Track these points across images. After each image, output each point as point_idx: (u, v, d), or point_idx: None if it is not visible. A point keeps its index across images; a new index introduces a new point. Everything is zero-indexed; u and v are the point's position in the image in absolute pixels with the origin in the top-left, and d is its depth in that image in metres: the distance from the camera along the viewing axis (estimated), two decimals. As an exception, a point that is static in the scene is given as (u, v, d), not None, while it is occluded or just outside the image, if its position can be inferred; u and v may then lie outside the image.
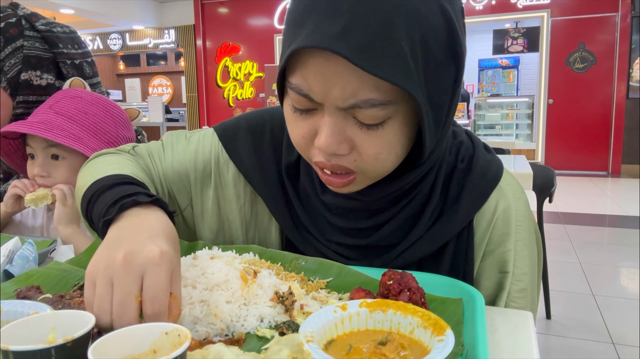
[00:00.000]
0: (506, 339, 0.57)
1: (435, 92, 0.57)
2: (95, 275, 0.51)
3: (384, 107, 0.55)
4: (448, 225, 0.71)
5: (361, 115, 0.56)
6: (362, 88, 0.53)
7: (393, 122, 0.57)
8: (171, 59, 12.46)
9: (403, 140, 0.60)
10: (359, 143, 0.58)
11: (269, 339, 0.56)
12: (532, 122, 8.54)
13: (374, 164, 0.60)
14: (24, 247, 0.79)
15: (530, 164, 2.36)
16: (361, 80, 0.53)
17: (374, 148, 0.58)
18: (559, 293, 2.93)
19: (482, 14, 8.31)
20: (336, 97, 0.55)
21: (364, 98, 0.54)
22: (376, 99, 0.54)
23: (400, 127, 0.58)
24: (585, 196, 6.23)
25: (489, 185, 0.72)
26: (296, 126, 0.62)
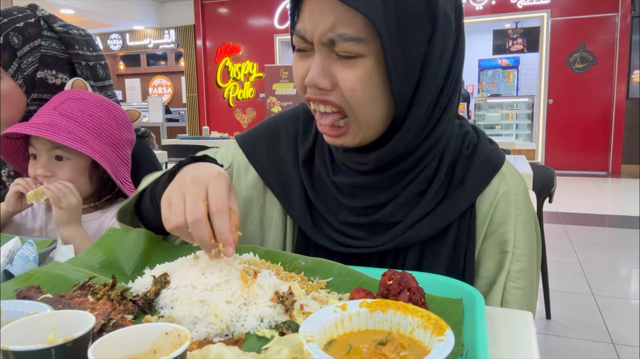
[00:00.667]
0: (506, 339, 0.57)
1: (407, 40, 0.64)
2: (170, 195, 0.65)
3: (356, 43, 0.64)
4: (452, 206, 0.75)
5: (339, 49, 0.65)
6: (338, 23, 0.63)
7: (366, 60, 0.65)
8: (171, 59, 12.46)
9: (377, 81, 0.66)
10: (339, 78, 0.66)
11: (269, 339, 0.56)
12: (532, 122, 8.54)
13: (353, 101, 0.67)
14: (24, 247, 0.79)
15: (530, 164, 2.36)
16: (339, 16, 0.63)
17: (350, 82, 0.66)
18: (559, 293, 2.93)
19: (482, 14, 8.32)
20: (320, 33, 0.65)
21: (340, 33, 0.64)
22: (348, 34, 0.63)
23: (372, 66, 0.65)
24: (585, 197, 6.23)
25: (492, 170, 0.76)
26: (297, 68, 0.73)
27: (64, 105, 1.02)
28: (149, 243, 0.82)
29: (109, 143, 1.05)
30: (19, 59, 1.07)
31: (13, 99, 1.08)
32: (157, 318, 0.60)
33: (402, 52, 0.64)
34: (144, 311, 0.63)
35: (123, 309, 0.60)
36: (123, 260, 0.79)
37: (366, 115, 0.68)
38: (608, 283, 3.14)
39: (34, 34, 1.09)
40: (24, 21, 1.09)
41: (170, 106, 11.91)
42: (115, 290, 0.64)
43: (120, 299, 0.62)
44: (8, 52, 1.06)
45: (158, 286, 0.65)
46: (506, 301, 0.74)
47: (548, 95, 8.07)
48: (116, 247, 0.80)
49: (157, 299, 0.64)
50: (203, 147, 4.96)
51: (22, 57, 1.07)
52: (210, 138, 5.93)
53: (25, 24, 1.09)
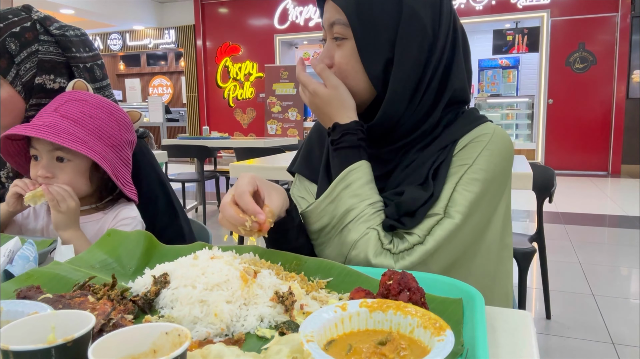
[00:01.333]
0: (506, 339, 0.57)
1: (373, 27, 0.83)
2: None
3: (344, 26, 0.85)
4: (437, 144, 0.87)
5: (335, 31, 0.86)
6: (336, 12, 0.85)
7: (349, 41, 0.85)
8: (171, 59, 12.46)
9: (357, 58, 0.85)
10: (334, 57, 0.88)
11: (269, 339, 0.56)
12: (532, 122, 8.54)
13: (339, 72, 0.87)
14: (24, 247, 0.79)
15: (530, 164, 2.36)
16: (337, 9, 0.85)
17: (338, 58, 0.87)
18: (559, 293, 2.93)
19: (482, 14, 8.32)
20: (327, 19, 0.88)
21: (335, 18, 0.86)
22: (340, 18, 0.85)
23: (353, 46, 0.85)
24: (585, 197, 6.23)
25: (478, 120, 0.90)
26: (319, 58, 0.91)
27: (65, 106, 1.02)
28: (149, 243, 0.82)
29: (109, 144, 1.05)
30: (17, 65, 1.06)
31: (12, 106, 1.08)
32: (157, 318, 0.60)
33: (369, 35, 0.83)
34: (144, 311, 0.63)
35: (123, 309, 0.60)
36: (123, 260, 0.79)
37: (352, 86, 0.87)
38: (608, 283, 3.14)
39: (30, 39, 1.08)
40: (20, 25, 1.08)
41: (170, 106, 11.91)
42: (115, 290, 0.64)
43: (120, 299, 0.62)
44: (6, 58, 1.05)
45: (158, 286, 0.65)
46: (454, 199, 0.81)
47: (548, 95, 8.07)
48: (116, 247, 0.81)
49: (157, 299, 0.64)
50: (203, 147, 4.97)
51: (19, 63, 1.06)
52: (210, 138, 5.93)
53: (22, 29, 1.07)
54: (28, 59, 1.07)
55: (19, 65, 1.06)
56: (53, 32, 1.12)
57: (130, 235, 0.84)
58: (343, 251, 0.83)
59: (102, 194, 1.11)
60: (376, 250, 0.79)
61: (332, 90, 0.87)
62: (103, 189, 1.10)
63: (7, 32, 1.05)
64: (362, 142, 0.87)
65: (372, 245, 0.80)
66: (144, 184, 1.15)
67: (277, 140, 5.65)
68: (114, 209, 1.10)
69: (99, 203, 1.11)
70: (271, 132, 9.16)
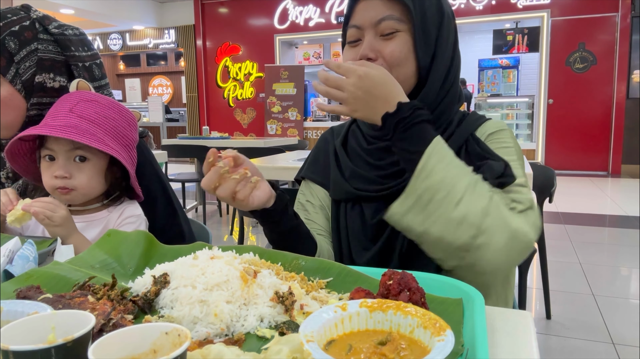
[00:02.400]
0: (506, 339, 0.57)
1: (425, 21, 0.93)
2: None
3: (397, 22, 0.92)
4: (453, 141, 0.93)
5: (384, 27, 0.92)
6: (385, 9, 0.93)
7: (401, 34, 0.93)
8: (171, 59, 12.47)
9: (408, 47, 0.93)
10: (383, 50, 0.93)
11: (269, 339, 0.56)
12: (532, 122, 8.54)
13: (392, 60, 0.92)
14: (24, 247, 0.79)
15: (530, 164, 2.36)
16: (386, 6, 0.93)
17: (390, 47, 0.92)
18: (559, 293, 2.93)
19: (482, 14, 8.32)
20: (371, 17, 0.93)
21: (387, 14, 0.92)
22: (393, 15, 0.92)
23: (405, 37, 0.93)
24: (585, 196, 6.23)
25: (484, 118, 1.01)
26: (348, 56, 0.97)
27: (79, 107, 1.02)
28: (149, 243, 0.82)
29: (123, 144, 1.07)
30: (17, 63, 1.06)
31: (13, 104, 1.08)
32: (157, 318, 0.60)
33: (423, 30, 0.93)
34: (144, 311, 0.63)
35: (123, 309, 0.60)
36: (123, 260, 0.79)
37: (400, 72, 0.93)
38: (608, 283, 3.14)
39: (30, 38, 1.08)
40: (19, 24, 1.08)
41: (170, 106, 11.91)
42: (115, 290, 0.64)
43: (120, 299, 0.62)
44: (5, 57, 1.05)
45: (158, 286, 0.65)
46: None
47: (548, 95, 8.06)
48: (116, 247, 0.81)
49: (157, 299, 0.64)
50: (203, 147, 4.97)
51: (19, 61, 1.06)
52: (210, 138, 5.93)
53: (21, 28, 1.07)
54: (27, 57, 1.07)
55: (18, 64, 1.06)
56: (52, 31, 1.12)
57: (130, 235, 0.84)
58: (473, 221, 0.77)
59: (110, 192, 1.12)
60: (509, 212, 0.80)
61: (383, 70, 0.86)
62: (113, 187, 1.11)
63: (7, 30, 1.05)
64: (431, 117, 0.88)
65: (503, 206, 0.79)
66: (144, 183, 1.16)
67: (277, 140, 5.65)
68: (118, 208, 1.10)
69: (106, 200, 1.11)
70: (271, 132, 9.17)
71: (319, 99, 9.24)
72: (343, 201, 1.04)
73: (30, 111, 1.10)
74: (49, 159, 1.03)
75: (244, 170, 0.82)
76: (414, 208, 0.80)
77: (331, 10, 9.25)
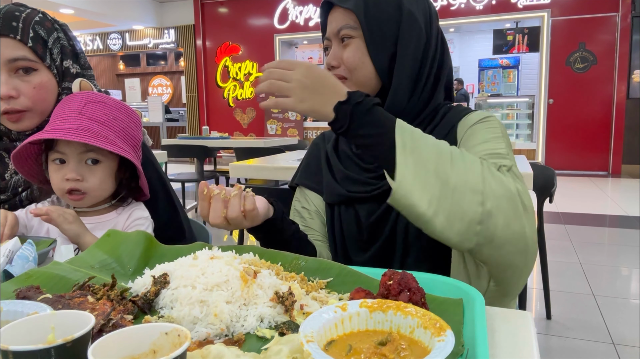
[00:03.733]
0: (506, 339, 0.57)
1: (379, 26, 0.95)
2: None
3: (352, 29, 0.96)
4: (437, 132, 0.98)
5: (341, 35, 0.97)
6: (343, 18, 0.97)
7: (356, 40, 0.97)
8: (171, 59, 12.47)
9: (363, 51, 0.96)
10: (342, 56, 0.98)
11: (269, 339, 0.56)
12: (532, 122, 8.54)
13: (348, 64, 0.97)
14: (24, 247, 0.79)
15: (531, 164, 2.36)
16: (343, 16, 0.97)
17: (347, 54, 0.97)
18: (559, 293, 2.93)
19: (482, 14, 8.32)
20: (333, 27, 0.99)
21: (342, 23, 0.97)
22: (347, 23, 0.96)
23: (359, 42, 0.96)
24: (586, 197, 6.23)
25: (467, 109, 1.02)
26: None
27: (88, 108, 1.02)
28: (149, 243, 0.82)
29: (132, 144, 1.07)
30: (50, 49, 1.09)
31: (51, 90, 1.10)
32: (157, 318, 0.60)
33: (375, 33, 0.95)
34: (143, 312, 0.63)
35: (123, 309, 0.60)
36: (123, 260, 0.79)
37: (359, 75, 0.97)
38: (608, 283, 3.14)
39: (50, 27, 1.11)
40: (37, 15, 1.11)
41: (170, 106, 11.92)
42: (115, 290, 0.64)
43: (120, 300, 0.62)
44: (41, 44, 1.07)
45: (158, 286, 0.65)
46: None
47: (548, 95, 8.06)
48: (116, 247, 0.81)
49: (157, 299, 0.64)
50: (203, 147, 4.97)
51: (51, 48, 1.10)
52: (210, 138, 5.93)
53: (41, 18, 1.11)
54: (55, 44, 1.10)
55: (51, 50, 1.09)
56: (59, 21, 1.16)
57: (130, 235, 0.84)
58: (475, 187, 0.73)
59: (117, 193, 1.12)
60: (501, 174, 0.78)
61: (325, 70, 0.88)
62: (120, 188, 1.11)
63: (32, 20, 1.08)
64: None
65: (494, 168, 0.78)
66: None
67: (277, 140, 5.65)
68: (126, 209, 1.10)
69: (113, 201, 1.11)
70: (271, 131, 9.16)
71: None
72: (337, 204, 1.06)
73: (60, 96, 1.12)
74: (59, 162, 1.02)
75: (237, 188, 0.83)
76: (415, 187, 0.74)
77: (331, 10, 9.25)
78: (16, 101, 1.04)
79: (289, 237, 0.93)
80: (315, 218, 1.11)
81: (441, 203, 0.73)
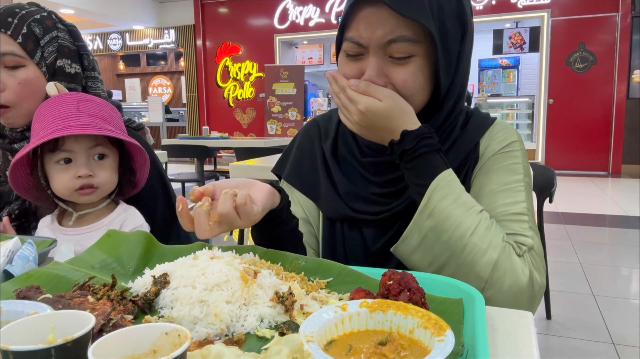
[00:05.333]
0: (506, 339, 0.57)
1: (447, 42, 0.79)
2: None
3: (412, 44, 0.77)
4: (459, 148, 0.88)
5: (395, 49, 0.78)
6: (397, 27, 0.77)
7: (416, 58, 0.79)
8: (171, 59, 12.46)
9: (424, 74, 0.81)
10: (393, 76, 0.80)
11: (269, 339, 0.56)
12: (532, 122, 8.54)
13: (405, 91, 0.80)
14: (24, 247, 0.79)
15: (531, 164, 2.36)
16: (397, 22, 0.76)
17: (403, 76, 0.79)
18: (559, 293, 2.93)
19: (482, 14, 8.31)
20: (379, 36, 0.77)
21: (399, 34, 0.77)
22: (407, 35, 0.77)
23: (421, 63, 0.80)
24: (586, 197, 6.23)
25: (490, 120, 0.92)
26: (349, 68, 0.83)
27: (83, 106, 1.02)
28: (149, 243, 0.82)
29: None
30: (42, 47, 1.12)
31: (38, 87, 1.12)
32: (157, 318, 0.60)
33: (444, 51, 0.79)
34: (144, 311, 0.63)
35: (123, 309, 0.60)
36: (123, 260, 0.79)
37: (413, 102, 0.82)
38: (608, 283, 3.14)
39: (50, 26, 1.14)
40: (40, 14, 1.14)
41: (170, 106, 11.91)
42: (115, 290, 0.64)
43: (120, 300, 0.62)
44: (32, 41, 1.10)
45: (158, 286, 0.64)
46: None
47: (548, 95, 8.06)
48: (116, 247, 0.80)
49: (157, 299, 0.64)
50: (203, 147, 4.97)
51: (44, 46, 1.12)
52: (210, 138, 5.93)
53: (42, 17, 1.14)
54: (50, 43, 1.13)
55: (43, 48, 1.12)
56: (66, 22, 1.20)
57: (130, 235, 0.84)
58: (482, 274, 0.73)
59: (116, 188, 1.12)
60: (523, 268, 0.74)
61: (389, 100, 0.78)
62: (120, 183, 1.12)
63: (30, 18, 1.11)
64: (440, 145, 0.81)
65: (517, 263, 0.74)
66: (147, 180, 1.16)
67: (277, 140, 5.65)
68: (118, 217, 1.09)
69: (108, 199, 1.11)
70: (271, 132, 9.16)
71: (319, 99, 9.24)
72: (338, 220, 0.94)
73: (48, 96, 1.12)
74: (64, 162, 1.02)
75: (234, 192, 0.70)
76: (419, 249, 0.77)
77: (331, 10, 9.25)
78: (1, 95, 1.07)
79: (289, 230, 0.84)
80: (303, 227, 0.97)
81: (443, 270, 0.75)
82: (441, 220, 0.75)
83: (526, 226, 0.80)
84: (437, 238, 0.75)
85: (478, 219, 0.75)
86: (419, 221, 0.77)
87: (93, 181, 1.02)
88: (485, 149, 0.88)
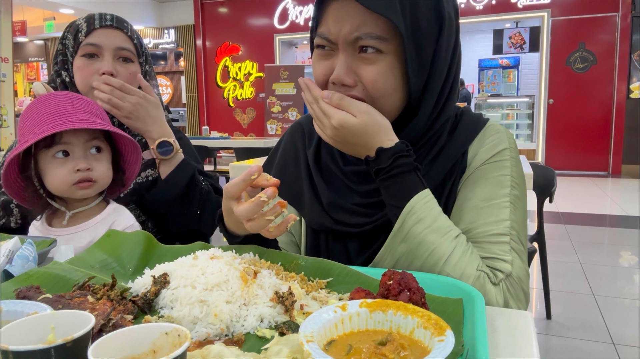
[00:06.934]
0: (506, 339, 0.57)
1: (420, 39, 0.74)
2: None
3: (380, 41, 0.73)
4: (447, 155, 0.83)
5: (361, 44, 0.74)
6: (365, 23, 0.73)
7: (386, 56, 0.75)
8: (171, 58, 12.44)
9: (395, 74, 0.76)
10: (362, 74, 0.75)
11: (269, 339, 0.56)
12: (532, 122, 8.54)
13: (375, 92, 0.76)
14: (24, 247, 0.79)
15: (531, 164, 2.36)
16: (365, 18, 0.73)
17: (372, 75, 0.75)
18: (559, 293, 2.93)
19: (482, 14, 8.32)
20: (346, 32, 0.74)
21: (366, 31, 0.73)
22: (374, 32, 0.73)
23: (391, 61, 0.75)
24: (586, 197, 6.23)
25: (481, 123, 0.87)
26: (319, 66, 0.80)
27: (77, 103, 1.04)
28: (149, 243, 0.82)
29: None
30: (143, 52, 1.28)
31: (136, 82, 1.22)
32: (157, 318, 0.60)
33: (416, 49, 0.75)
34: (143, 312, 0.63)
35: (123, 309, 0.60)
36: (123, 260, 0.79)
37: (386, 104, 0.77)
38: (608, 283, 3.14)
39: (141, 37, 1.28)
40: None
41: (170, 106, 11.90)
42: (115, 290, 0.64)
43: (120, 300, 0.62)
44: (139, 45, 1.26)
45: (158, 286, 0.65)
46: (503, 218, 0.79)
47: (548, 95, 8.06)
48: (116, 247, 0.80)
49: (157, 299, 0.64)
50: (203, 147, 4.97)
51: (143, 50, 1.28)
52: (210, 138, 5.93)
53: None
54: (144, 49, 1.30)
55: (144, 52, 1.29)
56: None
57: (129, 235, 0.84)
58: None
59: None
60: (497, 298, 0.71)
61: (364, 116, 0.74)
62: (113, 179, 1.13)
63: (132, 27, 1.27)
64: (417, 163, 0.77)
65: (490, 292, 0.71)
66: None
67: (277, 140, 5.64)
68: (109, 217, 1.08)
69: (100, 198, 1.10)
70: (271, 131, 9.16)
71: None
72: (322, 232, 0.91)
73: None
74: (62, 154, 1.01)
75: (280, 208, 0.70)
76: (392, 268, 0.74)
77: (331, 10, 9.24)
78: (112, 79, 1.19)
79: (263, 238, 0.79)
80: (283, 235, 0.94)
81: None
82: (414, 246, 0.73)
83: (507, 248, 0.75)
84: (410, 263, 0.74)
85: (453, 246, 0.72)
86: (392, 245, 0.75)
87: (91, 174, 1.02)
88: (473, 158, 0.84)
